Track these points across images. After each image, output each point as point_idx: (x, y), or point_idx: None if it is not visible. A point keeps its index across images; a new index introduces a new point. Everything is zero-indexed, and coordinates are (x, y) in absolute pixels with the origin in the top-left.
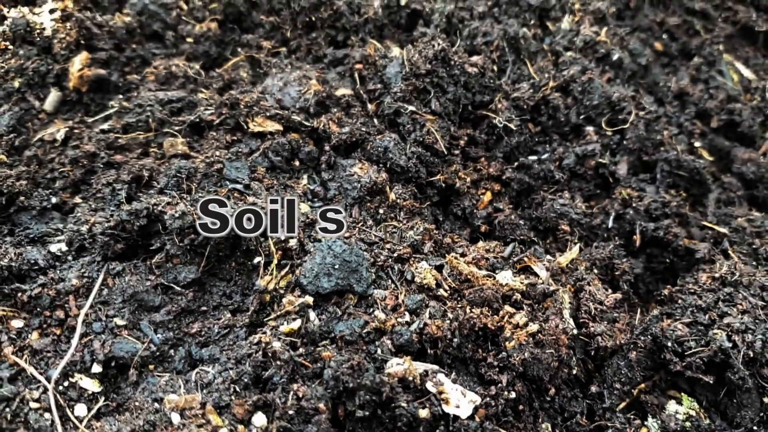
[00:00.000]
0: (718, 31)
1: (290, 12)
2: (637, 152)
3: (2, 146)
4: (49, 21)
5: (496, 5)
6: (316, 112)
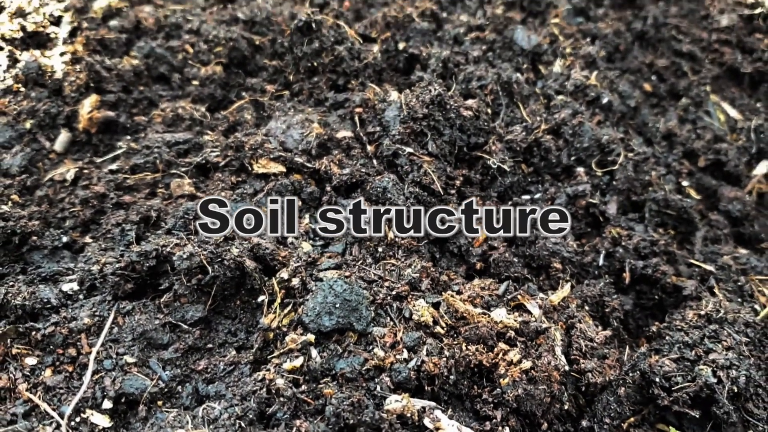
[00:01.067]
0: (705, 72)
1: (293, 57)
2: (626, 192)
3: (15, 186)
4: (60, 64)
5: (490, 50)
6: (317, 154)
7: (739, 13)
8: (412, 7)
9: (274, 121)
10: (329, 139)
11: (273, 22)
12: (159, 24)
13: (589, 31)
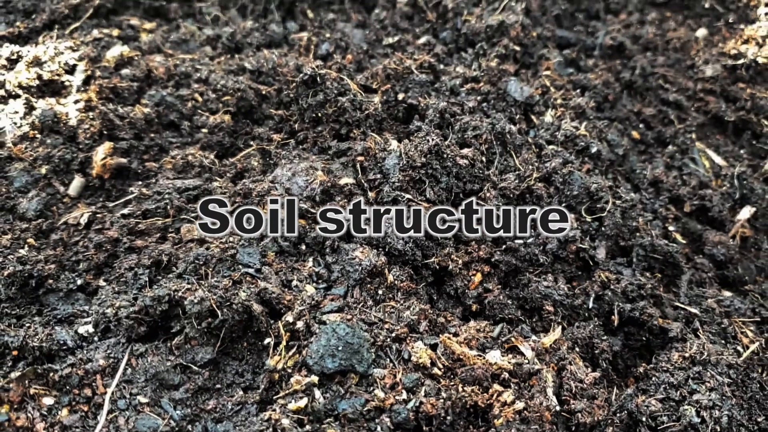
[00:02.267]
0: (690, 120)
1: (298, 107)
2: (614, 238)
3: (31, 230)
4: (74, 111)
5: (485, 101)
6: (321, 200)
7: (723, 64)
8: (411, 59)
9: (280, 168)
10: (332, 185)
11: (279, 73)
12: (169, 73)
13: (579, 82)
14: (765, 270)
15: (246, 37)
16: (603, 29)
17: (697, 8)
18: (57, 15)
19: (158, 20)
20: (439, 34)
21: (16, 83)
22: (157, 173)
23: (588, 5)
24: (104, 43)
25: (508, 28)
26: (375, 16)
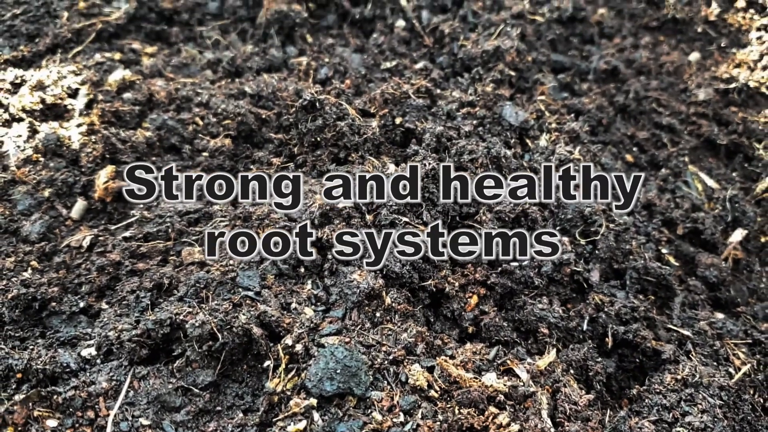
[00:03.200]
0: (683, 143)
1: (297, 132)
2: (608, 261)
3: (34, 253)
4: (77, 135)
5: (481, 125)
6: (320, 223)
7: (715, 88)
8: (408, 84)
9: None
10: (331, 209)
11: (278, 97)
12: (170, 97)
13: (574, 106)
14: (757, 292)
15: (246, 62)
16: (597, 53)
17: (690, 32)
18: (60, 39)
19: (159, 44)
20: (436, 58)
21: (19, 107)
22: (158, 196)
23: (582, 30)
24: (106, 67)
25: (503, 53)
26: (373, 40)
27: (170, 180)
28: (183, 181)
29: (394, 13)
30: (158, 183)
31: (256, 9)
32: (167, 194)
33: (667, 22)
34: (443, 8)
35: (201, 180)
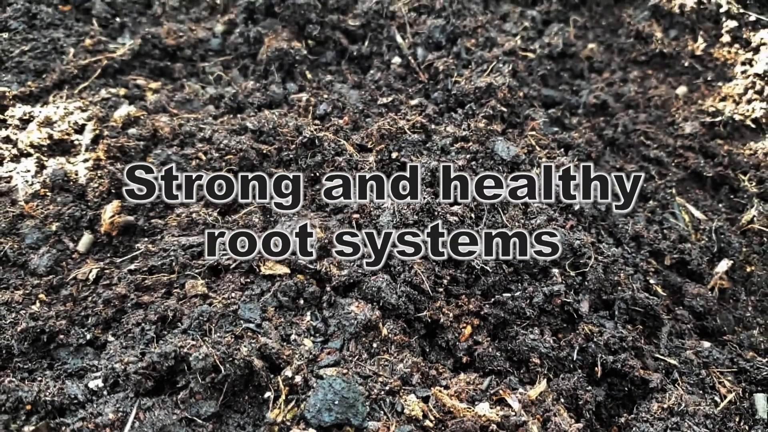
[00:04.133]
0: (671, 176)
1: (297, 167)
2: (597, 292)
3: (42, 286)
4: (84, 170)
5: (474, 159)
6: (319, 256)
7: (701, 121)
8: (404, 120)
9: (280, 225)
10: (329, 242)
11: (279, 133)
12: (174, 132)
13: (564, 141)
14: (743, 320)
15: (248, 97)
16: (587, 88)
17: (678, 67)
18: (67, 75)
19: (163, 79)
20: (431, 94)
21: (28, 142)
22: (162, 230)
23: (572, 64)
24: (112, 103)
25: (495, 90)
26: (370, 76)
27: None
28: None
29: (391, 50)
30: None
31: (257, 46)
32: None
33: (655, 56)
34: (438, 45)
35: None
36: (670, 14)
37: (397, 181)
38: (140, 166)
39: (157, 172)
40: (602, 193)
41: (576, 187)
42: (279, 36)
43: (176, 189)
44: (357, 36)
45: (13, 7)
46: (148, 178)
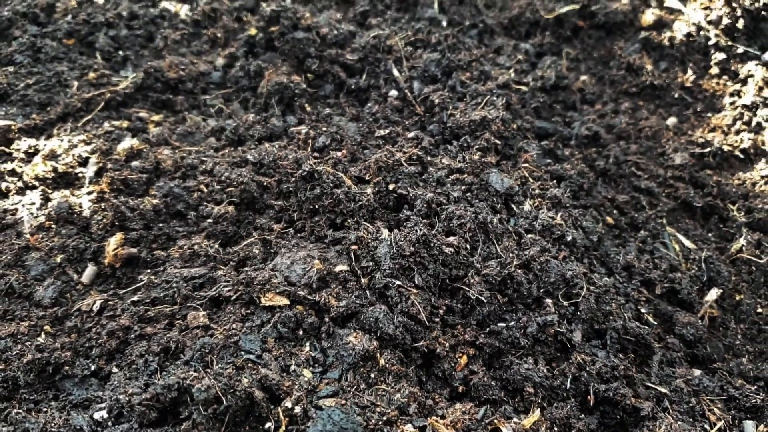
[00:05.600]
0: (661, 206)
1: (297, 199)
2: (589, 321)
3: (47, 318)
4: (87, 202)
5: (469, 191)
6: (318, 287)
7: (691, 152)
8: (400, 152)
9: (280, 257)
10: (328, 273)
11: (279, 165)
12: (176, 165)
13: (556, 172)
14: (733, 348)
15: (248, 130)
16: (579, 119)
17: (668, 98)
18: (71, 108)
19: (165, 112)
20: (427, 126)
21: (33, 175)
22: (165, 262)
23: (565, 96)
24: (115, 136)
25: (489, 123)
26: (368, 109)
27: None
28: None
29: (388, 83)
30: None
31: (258, 79)
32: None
33: (646, 88)
34: (433, 79)
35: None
36: (660, 47)
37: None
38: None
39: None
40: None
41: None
42: (279, 70)
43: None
44: (355, 70)
45: (18, 41)
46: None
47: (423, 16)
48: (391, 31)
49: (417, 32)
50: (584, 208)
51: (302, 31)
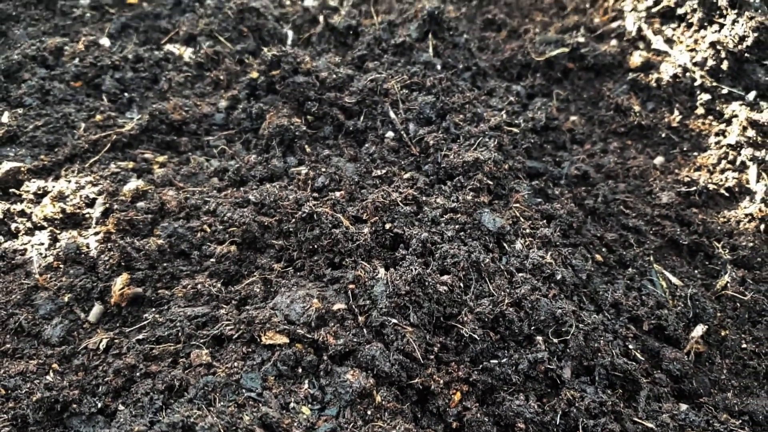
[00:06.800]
0: (649, 243)
1: (297, 240)
2: (578, 358)
3: (55, 356)
4: (94, 243)
5: (463, 230)
6: (316, 326)
7: (677, 191)
8: (397, 192)
9: (280, 295)
10: (326, 311)
11: (280, 206)
12: (180, 205)
13: (546, 211)
14: (718, 383)
15: (250, 170)
16: (569, 159)
17: (655, 137)
18: (78, 149)
19: (170, 153)
20: (422, 166)
21: (42, 216)
22: (169, 301)
23: (555, 137)
24: (121, 177)
25: (482, 163)
26: (365, 149)
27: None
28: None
29: (385, 124)
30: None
31: (260, 121)
32: None
33: (634, 128)
34: (428, 120)
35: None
36: (647, 87)
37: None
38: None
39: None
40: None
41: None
42: (280, 112)
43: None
44: (353, 112)
45: (27, 83)
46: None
47: (418, 60)
48: (387, 74)
49: (413, 75)
50: (574, 247)
51: (302, 75)
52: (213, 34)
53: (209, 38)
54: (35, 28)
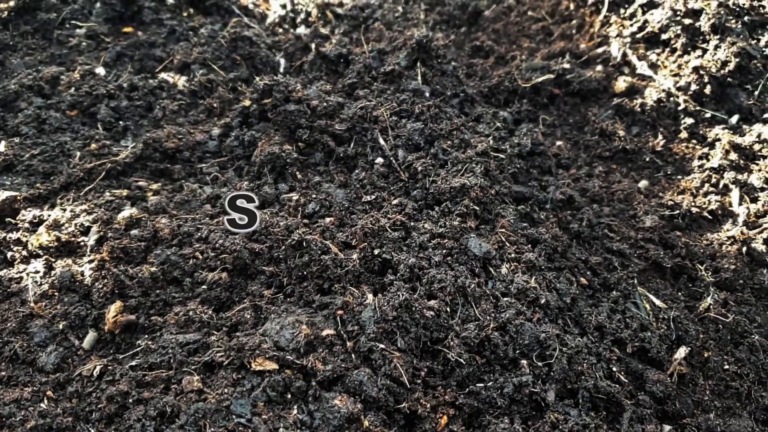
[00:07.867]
0: (633, 266)
1: (287, 266)
2: (562, 381)
3: (50, 383)
4: (89, 271)
5: (450, 255)
6: (305, 352)
7: (661, 214)
8: (385, 218)
9: (270, 322)
10: (315, 337)
11: (270, 232)
12: (173, 233)
13: (532, 236)
14: (701, 404)
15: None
16: (554, 183)
17: (639, 161)
18: (73, 178)
19: (163, 180)
20: (411, 191)
21: (37, 245)
22: (161, 327)
23: (541, 162)
24: (115, 205)
25: (468, 189)
26: (355, 175)
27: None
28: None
29: (374, 150)
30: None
31: (252, 148)
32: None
33: (619, 152)
34: (417, 147)
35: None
36: (632, 112)
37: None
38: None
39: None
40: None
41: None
42: (272, 139)
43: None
44: (343, 139)
45: (24, 112)
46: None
47: (407, 87)
48: (377, 101)
49: (402, 103)
50: (558, 270)
51: (294, 103)
52: (207, 63)
53: (203, 66)
54: (32, 58)
